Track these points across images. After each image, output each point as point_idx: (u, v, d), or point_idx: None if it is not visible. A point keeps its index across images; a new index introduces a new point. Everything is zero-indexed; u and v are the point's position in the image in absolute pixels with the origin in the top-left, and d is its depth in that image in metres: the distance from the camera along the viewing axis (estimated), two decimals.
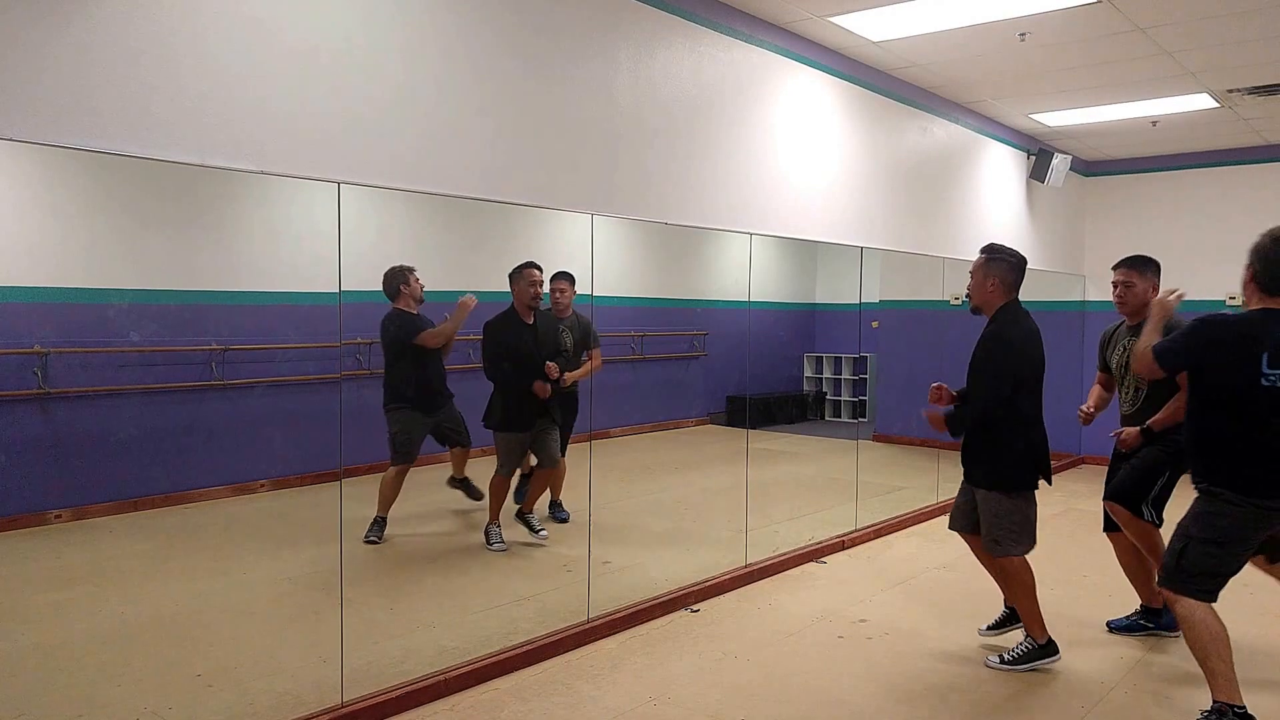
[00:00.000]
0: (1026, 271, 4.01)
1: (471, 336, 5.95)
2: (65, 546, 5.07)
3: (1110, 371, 4.51)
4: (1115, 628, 4.50)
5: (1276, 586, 3.88)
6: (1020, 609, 4.05)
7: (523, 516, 5.71)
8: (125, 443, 5.41)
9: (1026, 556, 3.97)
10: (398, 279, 5.18)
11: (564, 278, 5.81)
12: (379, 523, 5.26)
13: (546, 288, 5.50)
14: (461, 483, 5.82)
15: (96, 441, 5.31)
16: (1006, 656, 4.02)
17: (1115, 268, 4.43)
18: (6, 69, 2.63)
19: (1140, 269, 4.35)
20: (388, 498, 5.24)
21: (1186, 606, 3.24)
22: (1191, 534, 3.27)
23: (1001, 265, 3.92)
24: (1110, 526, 4.46)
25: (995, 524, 3.93)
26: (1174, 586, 3.28)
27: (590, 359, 5.79)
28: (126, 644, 4.01)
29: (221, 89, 3.09)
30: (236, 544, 5.12)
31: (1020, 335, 3.88)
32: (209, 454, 5.79)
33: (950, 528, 4.24)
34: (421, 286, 5.25)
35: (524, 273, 5.31)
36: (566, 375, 5.43)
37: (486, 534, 5.38)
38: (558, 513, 6.03)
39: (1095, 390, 4.59)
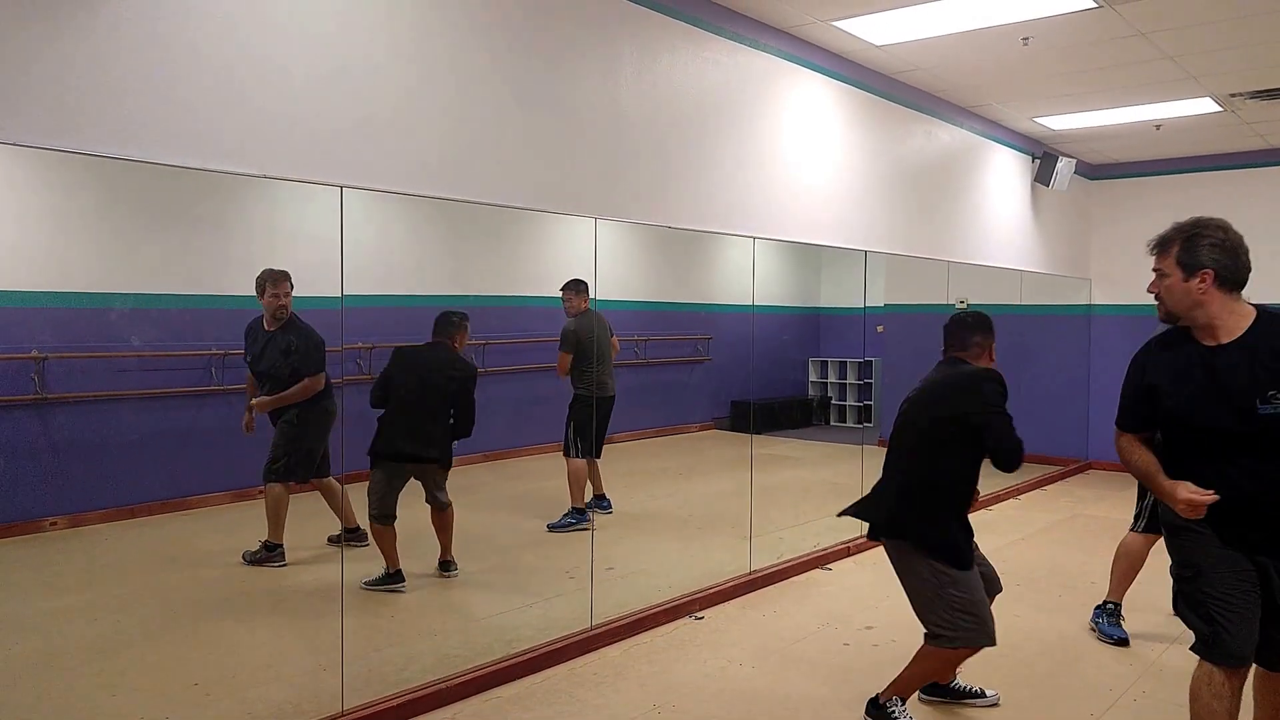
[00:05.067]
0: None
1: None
2: (61, 554, 5.04)
3: None
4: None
5: None
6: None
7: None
8: (123, 449, 5.38)
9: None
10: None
11: (573, 286, 6.03)
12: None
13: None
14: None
15: (94, 448, 5.28)
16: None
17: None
18: (6, 74, 2.62)
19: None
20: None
21: None
22: None
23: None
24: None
25: None
26: None
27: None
28: (123, 652, 3.98)
29: (223, 93, 3.07)
30: (235, 550, 5.09)
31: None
32: (208, 460, 5.76)
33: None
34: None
35: (466, 326, 5.09)
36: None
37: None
38: (599, 503, 6.27)
39: None
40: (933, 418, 3.39)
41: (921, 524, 3.39)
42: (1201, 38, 5.45)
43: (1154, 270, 2.71)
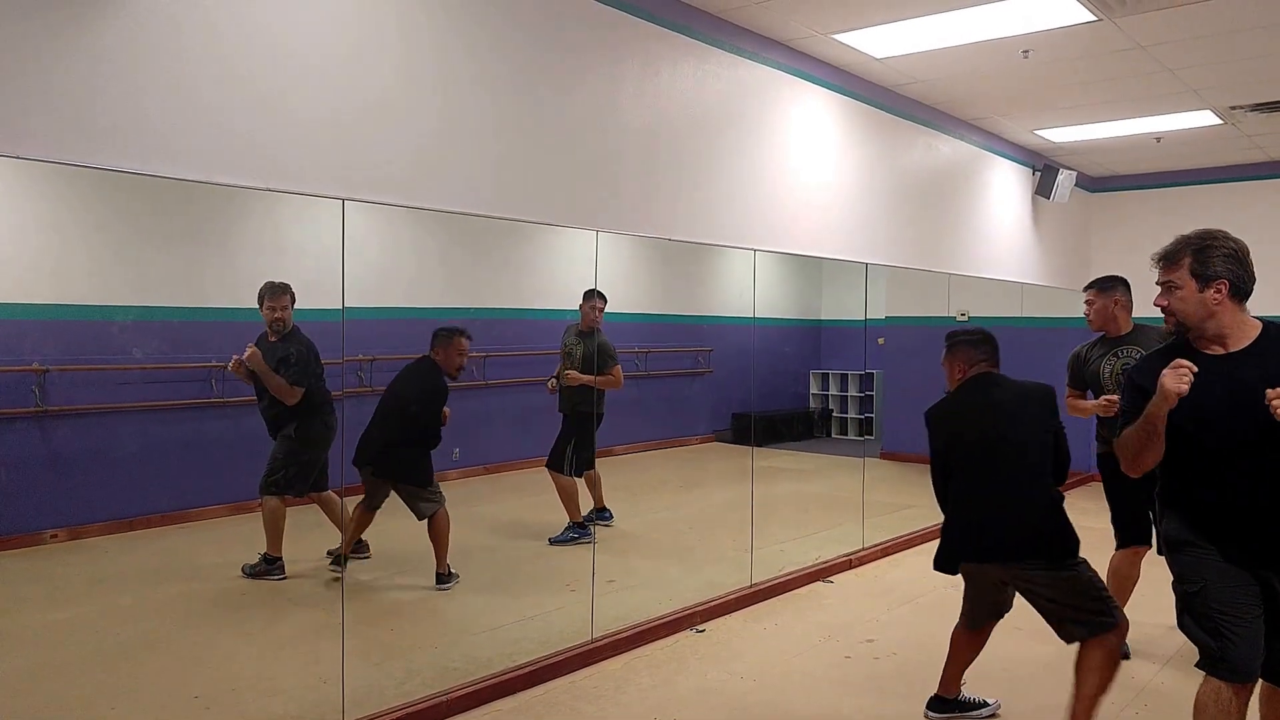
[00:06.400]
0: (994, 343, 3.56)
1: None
2: (61, 566, 5.03)
3: None
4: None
5: None
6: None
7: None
8: (123, 461, 5.38)
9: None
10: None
11: (599, 297, 5.97)
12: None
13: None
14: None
15: (94, 460, 5.28)
16: None
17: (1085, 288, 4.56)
18: (10, 87, 2.63)
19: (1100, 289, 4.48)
20: None
21: None
22: None
23: (960, 349, 3.57)
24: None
25: None
26: None
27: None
28: (123, 665, 3.96)
29: (226, 105, 3.08)
30: (236, 563, 5.08)
31: (938, 411, 3.61)
32: (209, 472, 5.74)
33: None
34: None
35: (455, 341, 5.06)
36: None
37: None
38: (601, 515, 6.21)
39: None
40: (1042, 434, 3.34)
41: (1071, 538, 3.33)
42: (1201, 51, 5.47)
43: (1161, 283, 2.68)
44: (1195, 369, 2.47)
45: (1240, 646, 2.54)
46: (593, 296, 5.93)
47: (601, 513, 6.28)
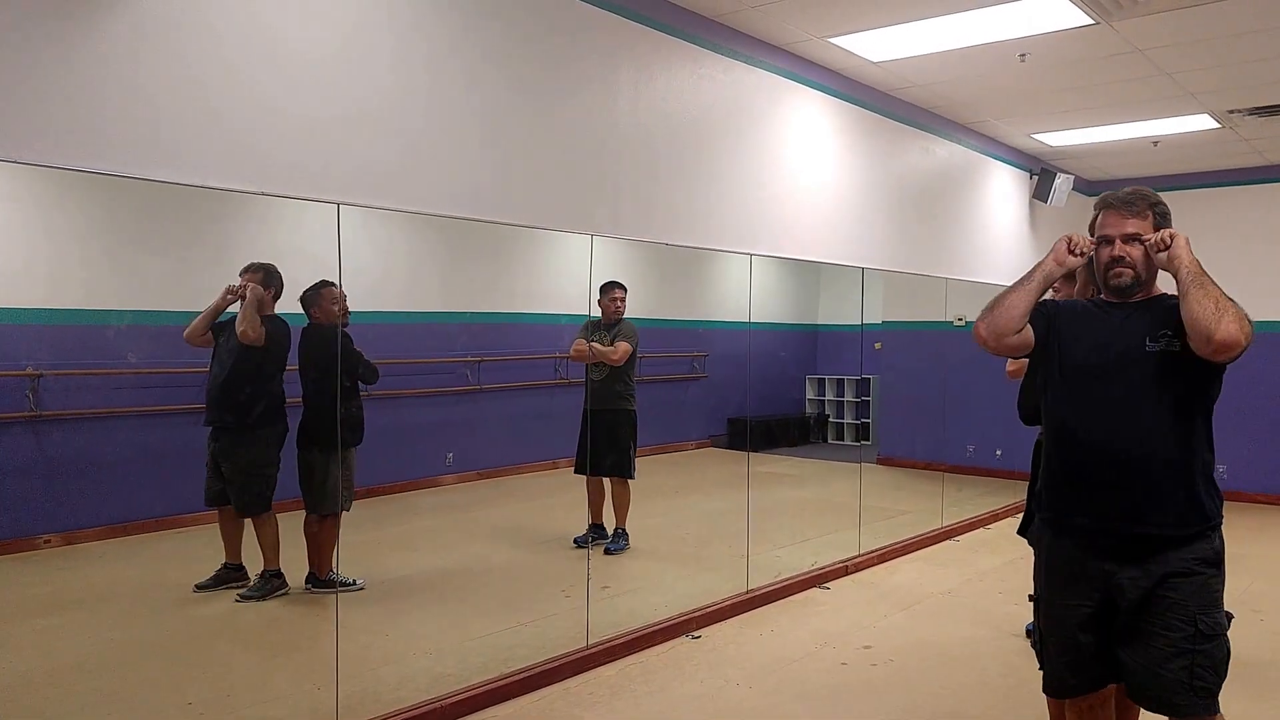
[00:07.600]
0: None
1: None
2: (55, 572, 5.01)
3: None
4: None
5: None
6: None
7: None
8: (118, 466, 5.35)
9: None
10: None
11: (618, 286, 5.96)
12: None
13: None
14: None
15: (88, 465, 5.25)
16: None
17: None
18: (7, 92, 2.62)
19: None
20: None
21: None
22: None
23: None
24: None
25: None
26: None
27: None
28: (117, 671, 3.95)
29: (221, 110, 3.07)
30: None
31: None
32: (203, 477, 5.72)
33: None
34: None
35: (323, 294, 4.87)
36: None
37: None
38: (606, 536, 6.09)
39: None
40: None
41: None
42: (1198, 54, 5.47)
43: (1125, 235, 2.53)
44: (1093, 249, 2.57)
45: (1049, 666, 2.59)
46: (613, 288, 5.85)
47: (600, 530, 6.21)
